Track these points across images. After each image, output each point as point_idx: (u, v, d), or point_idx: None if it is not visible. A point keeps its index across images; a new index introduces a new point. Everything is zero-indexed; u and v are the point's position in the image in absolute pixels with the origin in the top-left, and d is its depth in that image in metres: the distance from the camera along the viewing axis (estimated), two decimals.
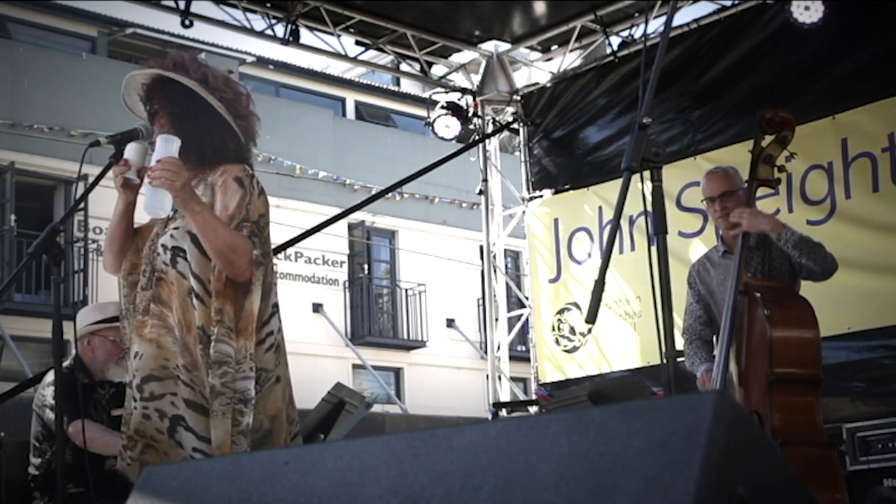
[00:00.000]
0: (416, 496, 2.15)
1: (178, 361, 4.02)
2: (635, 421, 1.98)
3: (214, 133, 4.22)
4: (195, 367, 3.99)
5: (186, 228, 4.07)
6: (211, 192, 4.13)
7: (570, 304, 10.82)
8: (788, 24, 8.97)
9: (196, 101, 4.20)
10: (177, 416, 4.00)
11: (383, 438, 2.29)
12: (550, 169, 11.37)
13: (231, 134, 4.24)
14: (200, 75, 4.26)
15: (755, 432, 2.16)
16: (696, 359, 5.99)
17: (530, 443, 2.08)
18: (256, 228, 4.05)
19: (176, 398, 4.01)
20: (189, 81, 4.22)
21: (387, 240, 26.90)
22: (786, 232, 5.64)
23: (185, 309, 4.03)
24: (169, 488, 2.54)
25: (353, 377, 24.08)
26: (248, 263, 3.98)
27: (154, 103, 4.29)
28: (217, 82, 4.27)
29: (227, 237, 3.96)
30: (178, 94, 4.22)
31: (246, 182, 4.13)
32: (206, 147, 4.21)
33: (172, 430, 4.00)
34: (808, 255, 5.66)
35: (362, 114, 28.88)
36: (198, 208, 3.97)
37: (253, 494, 2.38)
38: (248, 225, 4.04)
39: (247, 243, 3.99)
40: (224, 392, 3.90)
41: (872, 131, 8.79)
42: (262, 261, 4.01)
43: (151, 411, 4.02)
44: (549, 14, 10.92)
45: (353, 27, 10.93)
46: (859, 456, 7.40)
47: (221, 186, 4.12)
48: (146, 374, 4.04)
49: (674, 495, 1.83)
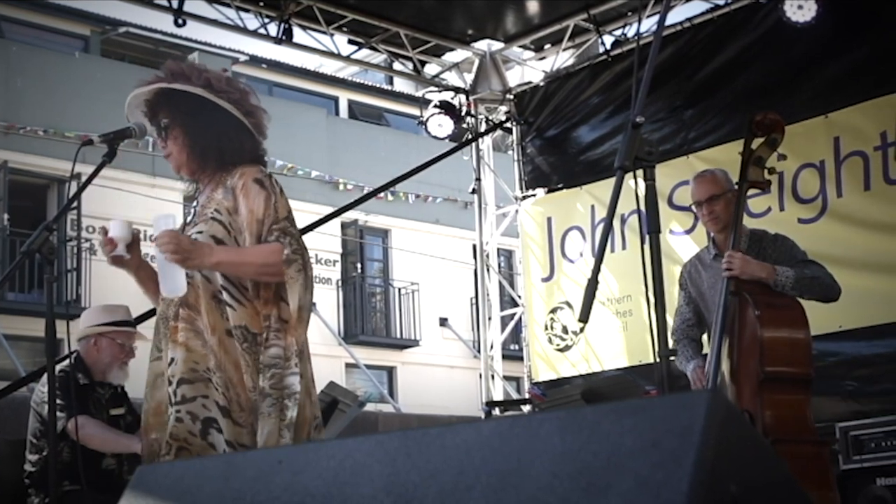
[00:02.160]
0: (409, 495, 2.15)
1: (207, 364, 4.07)
2: (628, 420, 1.98)
3: (231, 135, 4.26)
4: (220, 368, 4.05)
5: (210, 233, 4.13)
6: (232, 196, 4.17)
7: (562, 303, 10.82)
8: (781, 23, 8.97)
9: (206, 106, 4.22)
10: (209, 418, 4.04)
11: (376, 437, 2.29)
12: (543, 168, 11.37)
13: (247, 133, 4.29)
14: (204, 81, 4.26)
15: (748, 431, 2.16)
16: (683, 357, 6.01)
17: (523, 442, 2.08)
18: (287, 226, 4.11)
19: (207, 401, 4.05)
20: (194, 89, 4.22)
21: (380, 239, 26.90)
22: (780, 277, 5.61)
23: (210, 311, 4.10)
24: (162, 487, 2.54)
25: (346, 376, 24.06)
26: (281, 265, 4.03)
27: (162, 117, 4.29)
28: (221, 84, 4.28)
29: (256, 259, 4.05)
30: (186, 103, 4.23)
31: (266, 183, 4.18)
32: (224, 150, 4.26)
33: (205, 432, 4.04)
34: (808, 292, 5.66)
35: (355, 113, 28.87)
36: (215, 260, 4.04)
37: (246, 494, 2.38)
38: (278, 226, 4.09)
39: (274, 250, 4.05)
40: (272, 393, 3.98)
41: (865, 130, 8.80)
42: (293, 257, 4.05)
43: (184, 414, 4.05)
44: (542, 13, 10.92)
45: (346, 26, 10.92)
46: (852, 455, 7.40)
47: (242, 190, 4.16)
48: (179, 377, 4.09)
49: (667, 494, 1.84)
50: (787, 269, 5.63)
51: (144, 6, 10.16)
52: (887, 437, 7.34)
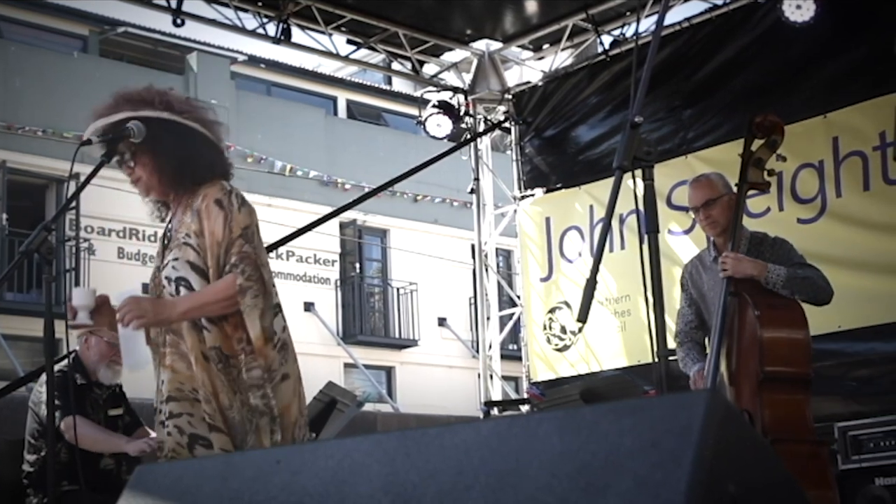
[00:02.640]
0: (407, 495, 2.15)
1: (193, 384, 4.16)
2: (627, 420, 1.98)
3: (202, 152, 4.30)
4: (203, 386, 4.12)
5: (185, 258, 4.18)
6: (198, 218, 4.20)
7: (561, 303, 10.82)
8: (780, 22, 8.97)
9: (172, 128, 4.24)
10: (195, 434, 4.15)
11: (375, 437, 2.29)
12: (542, 168, 11.37)
13: (215, 148, 4.36)
14: (165, 104, 4.28)
15: (747, 431, 2.16)
16: (688, 359, 6.00)
17: (522, 442, 2.08)
18: (241, 247, 4.13)
19: (193, 418, 4.16)
20: (159, 113, 4.24)
21: (378, 238, 26.89)
22: (771, 274, 5.61)
23: (190, 334, 4.16)
24: (160, 487, 2.54)
25: (344, 376, 24.04)
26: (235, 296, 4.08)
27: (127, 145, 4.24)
28: (182, 105, 4.33)
29: (215, 298, 4.10)
30: (152, 128, 4.22)
31: (225, 202, 4.19)
32: (196, 167, 4.28)
33: (191, 446, 4.15)
34: (798, 291, 5.65)
35: (354, 113, 28.84)
36: (179, 311, 4.12)
37: (244, 493, 2.38)
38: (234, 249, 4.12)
39: (228, 284, 4.09)
40: (266, 412, 4.10)
41: (864, 130, 8.80)
42: (247, 284, 4.08)
43: (172, 428, 4.18)
44: (541, 13, 10.92)
45: (345, 26, 10.92)
46: (851, 455, 7.40)
47: (205, 212, 4.19)
48: (165, 396, 4.22)
49: (665, 494, 1.84)
50: (779, 267, 5.63)
51: (143, 6, 10.17)
52: (886, 436, 7.33)
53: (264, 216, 4.29)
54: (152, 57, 25.19)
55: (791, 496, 2.25)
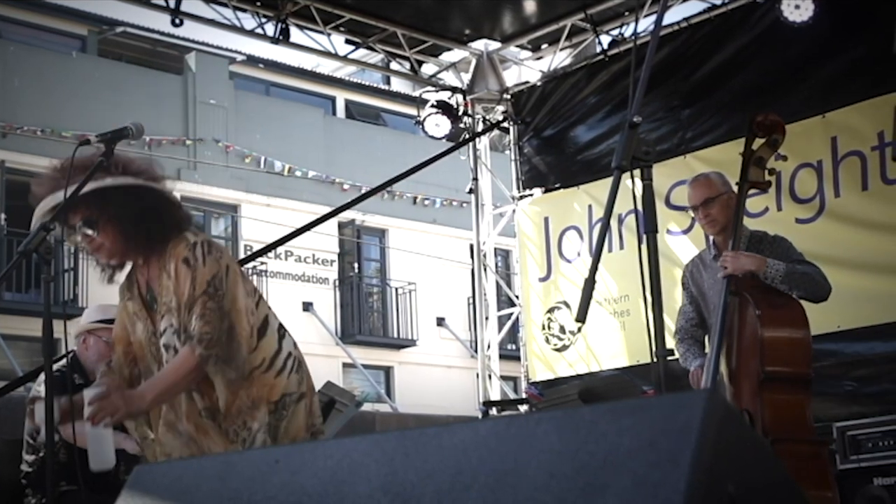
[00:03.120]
0: (406, 495, 2.15)
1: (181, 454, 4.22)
2: (625, 420, 1.98)
3: (164, 209, 4.27)
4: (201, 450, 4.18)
5: (174, 328, 4.18)
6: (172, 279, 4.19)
7: (560, 303, 10.82)
8: (778, 22, 8.97)
9: (132, 194, 4.20)
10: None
11: (373, 437, 2.29)
12: (540, 168, 11.37)
13: (174, 203, 4.35)
14: (122, 168, 4.23)
15: (746, 431, 2.16)
16: (688, 355, 6.01)
17: (520, 441, 2.08)
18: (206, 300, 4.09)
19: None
20: (118, 180, 4.19)
21: (377, 238, 26.89)
22: (770, 269, 5.61)
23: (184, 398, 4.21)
24: (159, 487, 2.54)
25: (343, 376, 24.04)
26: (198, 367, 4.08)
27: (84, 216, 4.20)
28: (135, 166, 4.29)
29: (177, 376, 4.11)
30: (112, 195, 4.18)
31: (191, 259, 4.16)
32: (164, 227, 4.25)
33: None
34: (796, 287, 5.65)
35: (352, 112, 28.85)
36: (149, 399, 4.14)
37: (243, 493, 2.38)
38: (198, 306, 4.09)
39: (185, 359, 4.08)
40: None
41: (862, 130, 8.80)
42: (206, 353, 4.05)
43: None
44: (540, 13, 10.92)
45: (343, 26, 10.92)
46: (850, 454, 7.39)
47: (175, 272, 4.17)
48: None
49: (664, 494, 1.83)
50: (778, 262, 5.64)
51: (141, 6, 10.17)
52: (885, 436, 7.33)
53: (263, 216, 4.30)
54: (151, 57, 25.20)
55: (790, 496, 2.25)
